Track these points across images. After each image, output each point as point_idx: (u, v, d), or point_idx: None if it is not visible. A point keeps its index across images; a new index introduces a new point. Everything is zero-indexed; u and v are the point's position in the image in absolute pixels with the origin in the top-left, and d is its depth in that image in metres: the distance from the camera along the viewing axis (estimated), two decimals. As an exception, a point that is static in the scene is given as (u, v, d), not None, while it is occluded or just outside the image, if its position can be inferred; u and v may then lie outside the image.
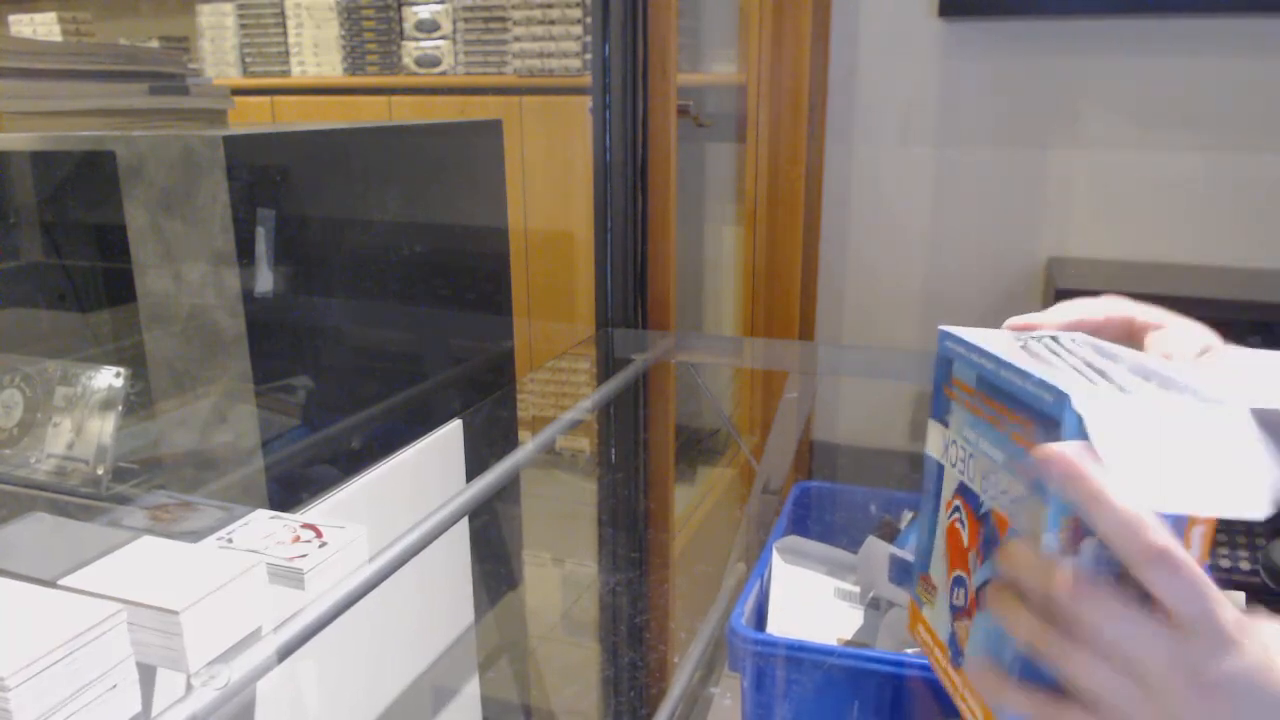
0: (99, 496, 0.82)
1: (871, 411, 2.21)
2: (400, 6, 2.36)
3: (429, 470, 1.05)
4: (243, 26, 2.54)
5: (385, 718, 1.00)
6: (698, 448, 2.28)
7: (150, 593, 0.57)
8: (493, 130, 1.27)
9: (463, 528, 1.13)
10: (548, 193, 2.17)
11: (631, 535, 1.52)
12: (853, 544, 1.18)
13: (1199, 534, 0.39)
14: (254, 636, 0.61)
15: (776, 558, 1.19)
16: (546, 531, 1.64)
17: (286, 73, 2.52)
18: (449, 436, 1.09)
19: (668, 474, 1.59)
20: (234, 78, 2.56)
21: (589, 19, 2.15)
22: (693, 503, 2.12)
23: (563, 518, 1.74)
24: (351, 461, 0.96)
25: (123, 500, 0.82)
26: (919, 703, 0.93)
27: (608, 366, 1.48)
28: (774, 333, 2.09)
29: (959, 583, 0.48)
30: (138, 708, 0.54)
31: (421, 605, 1.07)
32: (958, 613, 0.48)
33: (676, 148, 1.52)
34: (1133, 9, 1.86)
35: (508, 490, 1.25)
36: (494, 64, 2.28)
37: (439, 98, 2.33)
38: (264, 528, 0.70)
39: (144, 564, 0.61)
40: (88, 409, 0.85)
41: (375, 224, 1.04)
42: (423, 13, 2.33)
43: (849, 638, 1.10)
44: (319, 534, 0.70)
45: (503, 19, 2.26)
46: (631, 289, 1.49)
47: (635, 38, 1.40)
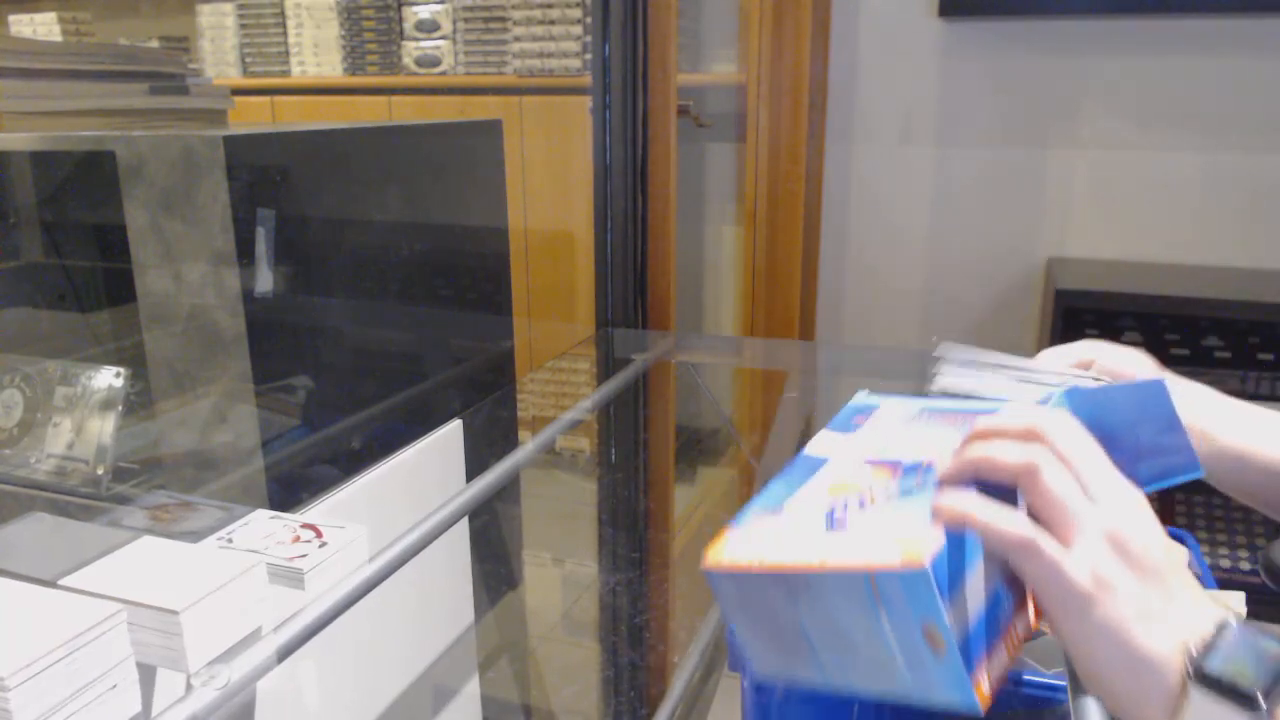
0: (99, 496, 0.82)
1: (871, 411, 2.20)
2: (400, 6, 2.36)
3: (429, 470, 1.05)
4: (243, 26, 2.54)
5: (385, 718, 1.00)
6: (698, 448, 2.28)
7: (150, 593, 0.57)
8: (493, 130, 1.27)
9: (463, 528, 1.13)
10: (548, 193, 2.17)
11: (631, 535, 1.52)
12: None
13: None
14: (254, 636, 0.61)
15: (776, 558, 1.19)
16: (546, 531, 1.64)
17: (286, 73, 2.52)
18: (449, 436, 1.09)
19: (668, 474, 1.59)
20: (234, 78, 2.56)
21: (589, 19, 2.15)
22: (693, 503, 2.12)
23: (563, 518, 1.74)
24: (351, 461, 0.96)
25: (123, 500, 0.82)
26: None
27: (608, 366, 1.48)
28: (774, 333, 2.09)
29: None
30: (138, 708, 0.54)
31: (421, 605, 1.07)
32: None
33: (676, 148, 1.52)
34: (1133, 9, 1.86)
35: (508, 490, 1.25)
36: (494, 64, 2.28)
37: (439, 98, 2.33)
38: (264, 528, 0.70)
39: (144, 564, 0.61)
40: (88, 409, 0.85)
41: (375, 224, 1.04)
42: (423, 13, 2.33)
43: (849, 638, 1.10)
44: (319, 534, 0.70)
45: (503, 19, 2.26)
46: (631, 289, 1.49)
47: (635, 38, 1.40)
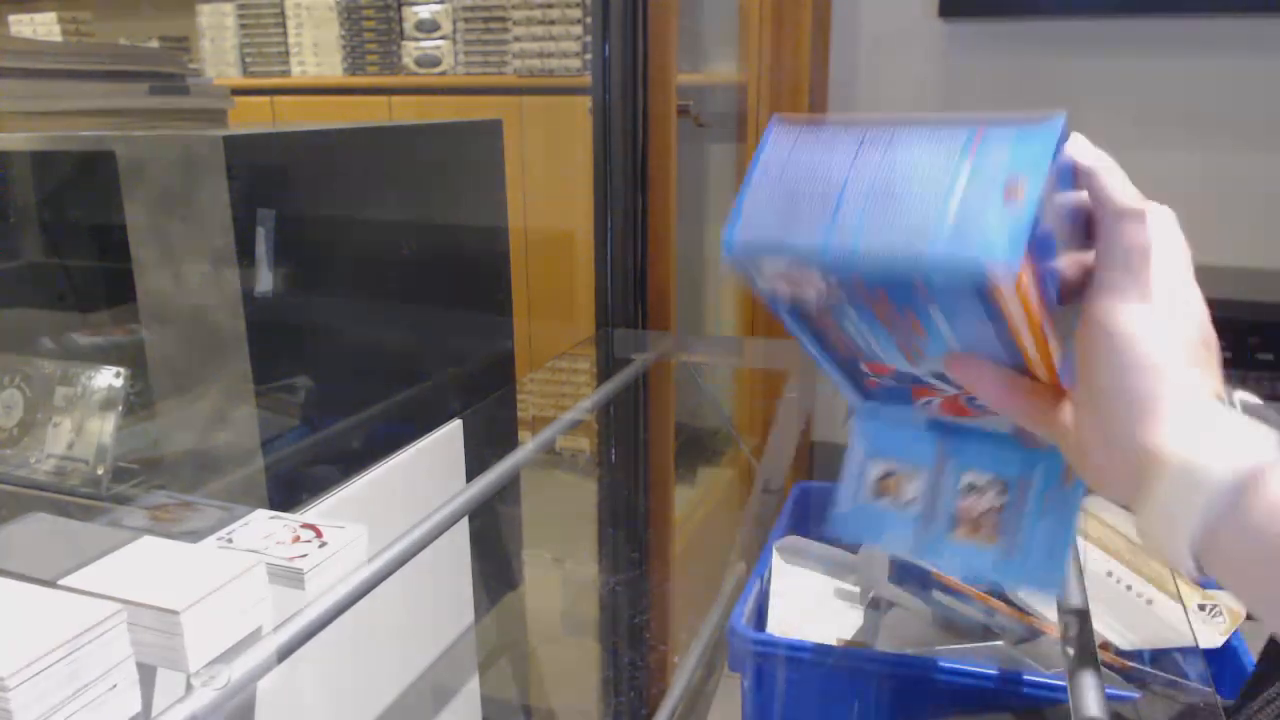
0: (99, 496, 0.82)
1: (871, 411, 2.20)
2: (400, 6, 2.36)
3: (429, 470, 1.05)
4: (243, 26, 2.54)
5: (385, 718, 1.00)
6: (698, 448, 2.28)
7: (150, 593, 0.57)
8: (493, 130, 1.27)
9: (463, 528, 1.13)
10: (548, 193, 2.17)
11: (631, 535, 1.52)
12: (852, 544, 1.18)
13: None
14: (254, 636, 0.61)
15: (777, 558, 1.20)
16: (546, 531, 1.64)
17: (286, 73, 2.52)
18: (449, 436, 1.09)
19: (668, 474, 1.59)
20: (234, 78, 2.56)
21: (589, 19, 2.15)
22: (693, 503, 2.12)
23: (563, 518, 1.74)
24: (351, 461, 0.96)
25: (123, 500, 0.82)
26: (918, 703, 0.93)
27: (608, 366, 1.48)
28: (774, 333, 2.09)
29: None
30: (138, 708, 0.54)
31: (421, 605, 1.07)
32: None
33: (676, 148, 1.52)
34: (1133, 9, 1.86)
35: (508, 490, 1.24)
36: (494, 64, 2.28)
37: (439, 98, 2.33)
38: (264, 528, 0.70)
39: (144, 564, 0.61)
40: (88, 409, 0.85)
41: (375, 224, 1.04)
42: (423, 13, 2.33)
43: (849, 638, 1.10)
44: (319, 534, 0.70)
45: (503, 19, 2.26)
46: (631, 289, 1.48)
47: (635, 38, 1.40)
